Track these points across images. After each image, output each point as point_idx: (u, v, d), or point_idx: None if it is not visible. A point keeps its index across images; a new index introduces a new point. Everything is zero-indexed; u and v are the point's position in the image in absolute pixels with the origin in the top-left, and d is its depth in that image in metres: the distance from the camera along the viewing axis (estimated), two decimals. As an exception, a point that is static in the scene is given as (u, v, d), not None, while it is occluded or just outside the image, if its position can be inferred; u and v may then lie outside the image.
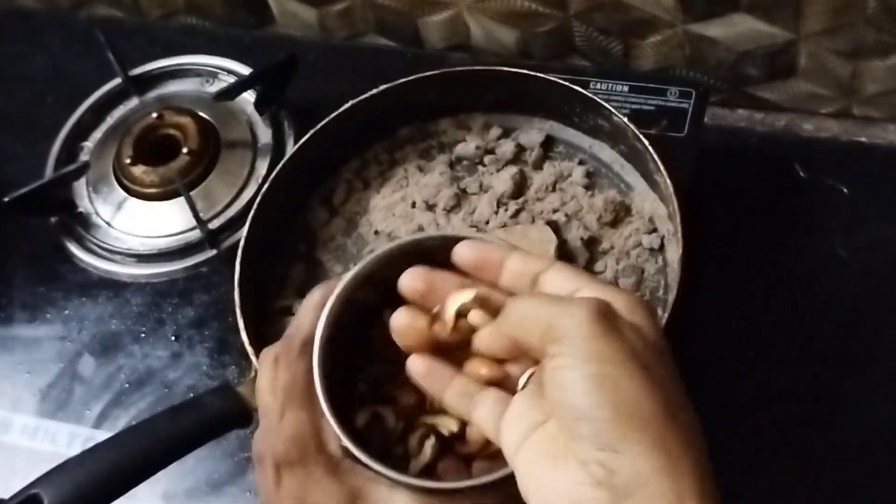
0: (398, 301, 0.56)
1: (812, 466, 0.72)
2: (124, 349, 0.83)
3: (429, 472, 0.55)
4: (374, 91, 0.80)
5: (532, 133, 0.82)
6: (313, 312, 0.56)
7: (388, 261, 0.56)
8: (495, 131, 0.82)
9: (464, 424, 0.55)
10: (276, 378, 0.55)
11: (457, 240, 0.55)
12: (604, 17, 0.88)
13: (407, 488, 0.52)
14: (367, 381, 0.58)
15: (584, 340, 0.44)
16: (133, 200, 0.90)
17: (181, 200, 0.87)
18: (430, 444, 0.55)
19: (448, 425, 0.55)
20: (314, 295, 0.57)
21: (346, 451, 0.53)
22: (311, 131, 0.79)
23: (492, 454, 0.54)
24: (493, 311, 0.51)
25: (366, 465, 0.53)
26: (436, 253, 0.55)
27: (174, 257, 0.86)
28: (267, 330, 0.76)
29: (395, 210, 0.80)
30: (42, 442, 0.80)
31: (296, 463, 0.53)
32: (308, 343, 0.55)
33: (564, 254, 0.75)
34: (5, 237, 0.91)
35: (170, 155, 0.90)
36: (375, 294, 0.58)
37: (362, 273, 0.56)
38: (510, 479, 0.48)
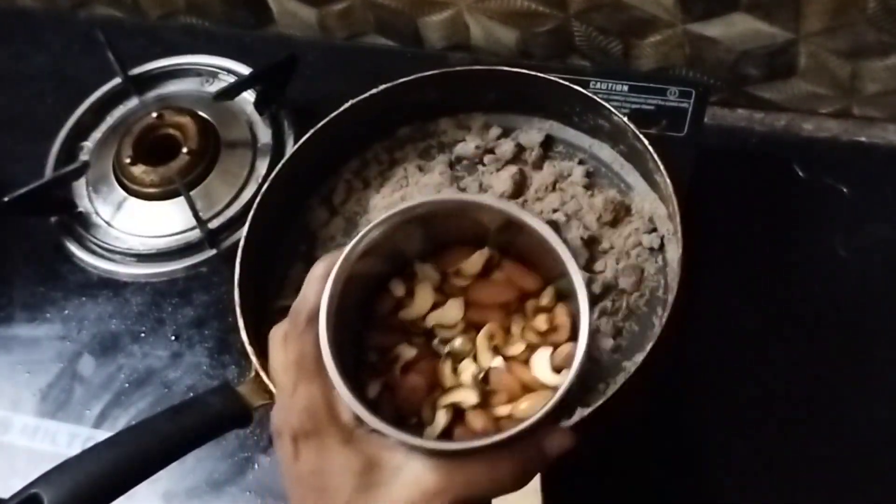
0: (403, 270, 0.56)
1: (812, 466, 0.72)
2: (124, 349, 0.83)
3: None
4: (374, 91, 0.80)
5: (532, 133, 0.82)
6: (318, 285, 0.55)
7: (388, 231, 0.56)
8: (495, 131, 0.82)
9: (484, 396, 0.54)
10: (286, 354, 0.55)
11: (450, 204, 0.54)
12: (604, 17, 0.88)
13: (423, 453, 0.52)
14: (376, 352, 0.57)
15: None
16: (133, 200, 0.90)
17: (181, 200, 0.87)
18: (443, 412, 0.54)
19: (467, 398, 0.54)
20: (317, 268, 0.56)
21: (359, 420, 0.53)
22: (311, 131, 0.79)
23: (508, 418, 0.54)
24: None
25: (380, 432, 0.52)
26: (434, 219, 0.54)
27: (174, 257, 0.86)
28: (267, 330, 0.75)
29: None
30: (42, 442, 0.80)
31: (311, 434, 0.53)
32: (314, 316, 0.54)
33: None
34: (5, 237, 0.91)
35: (170, 155, 0.90)
36: (380, 265, 0.57)
37: (363, 244, 0.55)
38: (527, 438, 0.49)
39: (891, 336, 0.76)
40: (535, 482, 0.62)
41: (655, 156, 0.73)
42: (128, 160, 0.90)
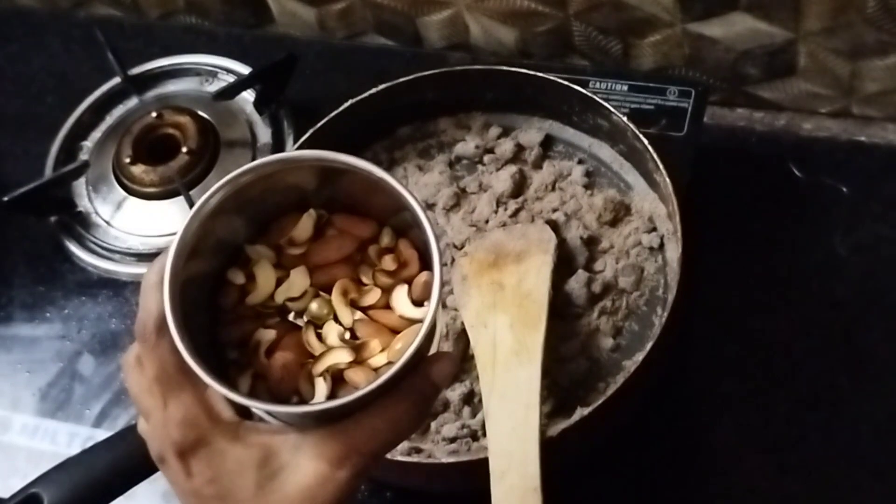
0: (239, 260, 0.54)
1: (812, 466, 0.72)
2: (124, 348, 0.83)
3: None
4: (374, 90, 0.80)
5: (531, 132, 0.82)
6: (154, 292, 0.51)
7: (207, 222, 0.52)
8: (495, 130, 0.82)
9: (357, 351, 0.53)
10: (144, 374, 0.52)
11: (251, 174, 0.52)
12: (603, 17, 0.88)
13: (316, 426, 0.50)
14: (235, 348, 0.55)
15: None
16: (132, 199, 0.90)
17: (181, 199, 0.87)
18: (321, 380, 0.52)
19: (341, 357, 0.52)
20: (148, 277, 0.52)
21: (241, 413, 0.51)
22: (311, 131, 0.79)
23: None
24: None
25: (268, 413, 0.50)
26: (249, 199, 0.52)
27: (174, 257, 0.86)
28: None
29: (394, 209, 0.80)
30: (42, 441, 0.80)
31: (197, 444, 0.50)
32: (162, 323, 0.50)
33: (564, 253, 0.75)
34: (5, 237, 0.91)
35: (169, 154, 0.90)
36: (210, 261, 0.55)
37: (187, 239, 0.52)
38: (412, 373, 0.48)
39: (891, 336, 0.76)
40: (535, 481, 0.62)
41: (655, 155, 0.73)
42: (127, 160, 0.90)
